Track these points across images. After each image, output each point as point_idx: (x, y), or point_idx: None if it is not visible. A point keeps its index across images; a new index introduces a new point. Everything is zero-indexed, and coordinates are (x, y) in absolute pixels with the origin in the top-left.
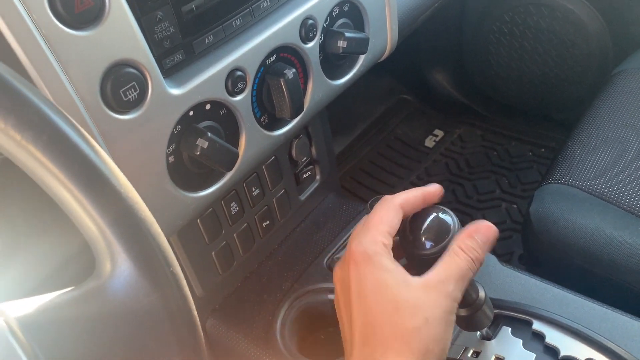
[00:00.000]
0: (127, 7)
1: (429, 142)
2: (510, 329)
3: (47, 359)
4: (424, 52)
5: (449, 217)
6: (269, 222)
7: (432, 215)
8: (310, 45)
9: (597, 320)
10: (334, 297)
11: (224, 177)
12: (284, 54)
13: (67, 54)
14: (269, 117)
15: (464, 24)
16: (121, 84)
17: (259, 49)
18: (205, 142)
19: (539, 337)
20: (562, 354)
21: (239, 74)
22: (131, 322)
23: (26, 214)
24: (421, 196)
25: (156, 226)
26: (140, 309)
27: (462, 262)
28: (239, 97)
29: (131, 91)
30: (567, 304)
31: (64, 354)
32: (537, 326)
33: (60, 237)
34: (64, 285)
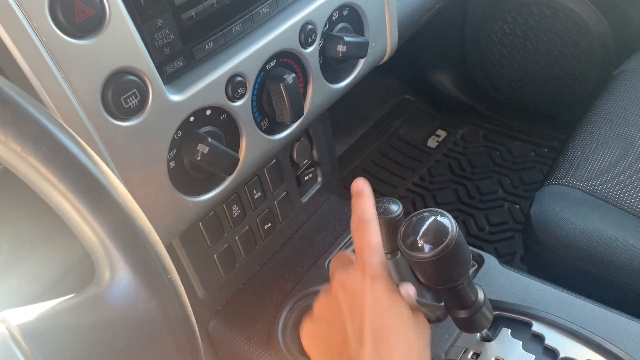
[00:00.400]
0: (128, 16)
1: (432, 143)
2: (510, 331)
3: None
4: (427, 53)
5: (447, 220)
6: (270, 224)
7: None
8: (309, 50)
9: (597, 321)
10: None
11: (225, 181)
12: (284, 59)
13: (68, 62)
14: (270, 121)
15: (466, 24)
16: (122, 91)
17: (259, 54)
18: (205, 148)
19: (539, 338)
20: (562, 355)
21: (239, 79)
22: (130, 329)
23: (31, 221)
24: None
25: (154, 234)
26: (139, 316)
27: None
28: (239, 102)
29: (132, 98)
30: (566, 305)
31: None
32: (536, 327)
33: (64, 244)
34: (67, 292)
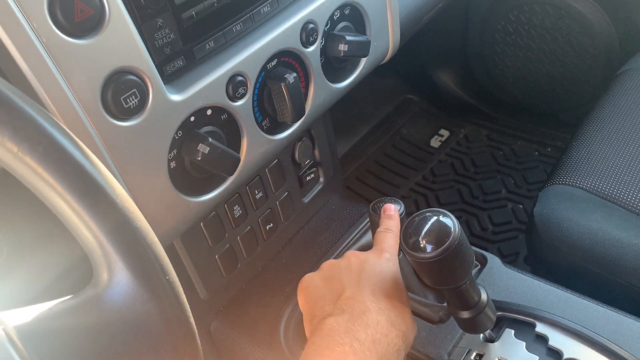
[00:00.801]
0: (127, 15)
1: (435, 142)
2: (513, 331)
3: None
4: (429, 52)
5: (449, 220)
6: (272, 224)
7: (433, 219)
8: (311, 49)
9: (601, 322)
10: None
11: (226, 181)
12: (285, 58)
13: (68, 62)
14: (271, 121)
15: (469, 23)
16: (122, 91)
17: (260, 54)
18: (206, 148)
19: (543, 339)
20: (566, 356)
21: (240, 79)
22: (128, 330)
23: (30, 222)
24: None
25: (152, 235)
26: (137, 317)
27: None
28: (240, 102)
29: (132, 98)
30: (570, 305)
31: None
32: (540, 328)
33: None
34: (65, 293)
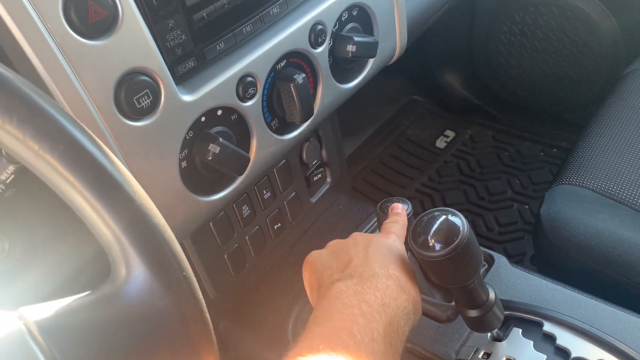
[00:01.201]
0: (140, 17)
1: (440, 143)
2: (521, 330)
3: None
4: (435, 53)
5: (458, 219)
6: (280, 224)
7: (442, 217)
8: (319, 50)
9: (609, 321)
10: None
11: (236, 181)
12: (294, 59)
13: (82, 62)
14: (280, 121)
15: (475, 25)
16: (134, 91)
17: (269, 54)
18: (217, 147)
19: (550, 338)
20: (573, 355)
21: (250, 79)
22: (145, 325)
23: (44, 219)
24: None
25: (169, 231)
26: (154, 312)
27: None
28: (249, 103)
29: (144, 98)
30: (578, 305)
31: (81, 356)
32: (547, 327)
33: (78, 242)
34: (81, 289)
